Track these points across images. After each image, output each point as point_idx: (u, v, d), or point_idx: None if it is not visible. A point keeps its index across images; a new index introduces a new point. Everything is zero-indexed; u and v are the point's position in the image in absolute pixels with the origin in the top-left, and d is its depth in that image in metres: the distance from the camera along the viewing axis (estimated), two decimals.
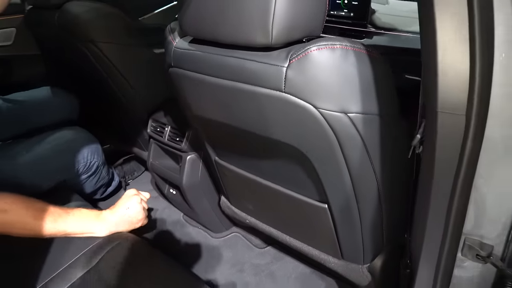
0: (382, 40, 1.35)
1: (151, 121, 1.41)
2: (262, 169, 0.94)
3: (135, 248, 0.94)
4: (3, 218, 0.80)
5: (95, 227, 0.93)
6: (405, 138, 0.82)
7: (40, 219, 0.83)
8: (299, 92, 0.65)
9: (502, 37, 0.52)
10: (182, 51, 0.81)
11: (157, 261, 0.94)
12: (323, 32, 1.72)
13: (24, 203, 0.83)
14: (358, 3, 1.37)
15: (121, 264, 0.88)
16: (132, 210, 0.99)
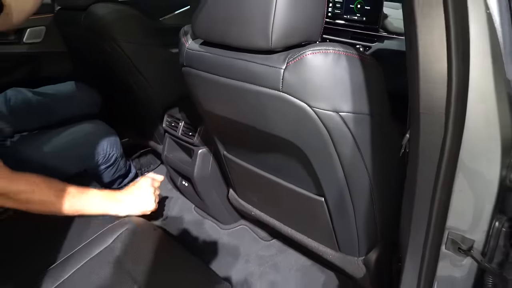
0: (393, 44, 1.40)
1: (167, 116, 1.50)
2: (265, 163, 1.01)
3: (147, 232, 1.03)
4: (30, 197, 0.89)
5: (108, 207, 1.01)
6: (398, 138, 0.88)
7: (61, 197, 0.92)
8: (295, 91, 0.72)
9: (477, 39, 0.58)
10: (194, 52, 0.89)
11: (168, 246, 1.02)
12: (336, 35, 1.79)
13: (48, 184, 0.92)
14: (370, 8, 1.42)
15: (133, 245, 0.97)
16: (142, 191, 1.06)
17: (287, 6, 0.69)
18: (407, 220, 0.81)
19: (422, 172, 0.71)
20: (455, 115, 0.62)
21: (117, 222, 1.03)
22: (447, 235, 0.76)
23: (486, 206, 0.69)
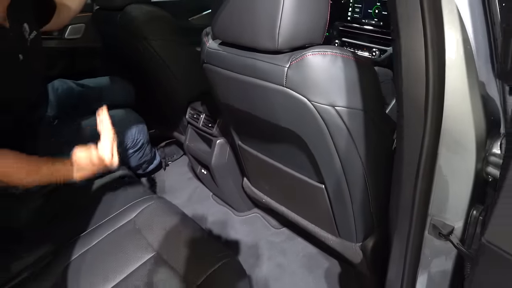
0: None
1: (190, 109, 1.63)
2: (274, 152, 1.12)
3: (166, 210, 1.16)
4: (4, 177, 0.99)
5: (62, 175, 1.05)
6: (390, 132, 0.97)
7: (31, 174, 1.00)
8: (296, 87, 0.83)
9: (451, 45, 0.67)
10: (213, 51, 1.01)
11: (183, 223, 1.14)
12: (355, 38, 1.88)
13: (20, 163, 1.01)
14: (388, 13, 1.51)
15: (154, 220, 1.10)
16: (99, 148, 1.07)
17: (292, 13, 0.79)
18: (394, 207, 0.90)
19: (406, 163, 0.80)
20: (432, 112, 0.71)
21: (140, 199, 1.17)
22: (429, 221, 0.85)
23: (464, 196, 0.77)
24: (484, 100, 0.71)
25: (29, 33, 1.18)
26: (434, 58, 0.68)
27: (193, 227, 1.10)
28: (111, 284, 0.94)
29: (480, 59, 0.70)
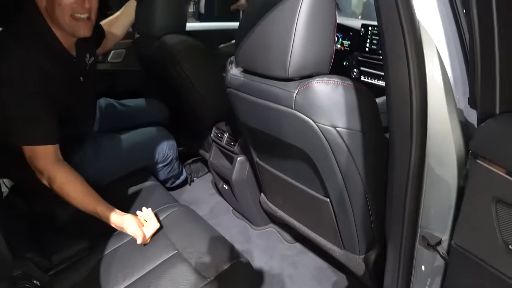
0: None
1: (215, 128, 1.79)
2: (286, 168, 1.25)
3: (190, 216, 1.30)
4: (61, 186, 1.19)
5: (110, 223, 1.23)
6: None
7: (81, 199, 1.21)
8: (303, 110, 0.96)
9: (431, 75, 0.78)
10: (235, 77, 1.16)
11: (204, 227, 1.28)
12: (372, 68, 2.02)
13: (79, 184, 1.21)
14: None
15: (178, 223, 1.25)
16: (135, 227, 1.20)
17: (301, 47, 0.94)
18: (388, 220, 1.00)
19: (396, 180, 0.92)
20: (417, 134, 0.83)
21: (167, 205, 1.32)
22: (419, 233, 0.95)
23: (449, 209, 0.87)
24: (462, 125, 0.82)
25: (88, 59, 1.41)
26: (416, 88, 0.80)
27: (212, 232, 1.24)
28: (138, 275, 1.08)
29: (458, 89, 0.81)
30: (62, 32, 1.24)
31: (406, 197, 0.91)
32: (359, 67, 2.16)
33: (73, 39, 1.29)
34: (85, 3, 1.20)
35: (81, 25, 1.23)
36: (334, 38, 1.00)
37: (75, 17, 1.20)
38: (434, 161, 0.85)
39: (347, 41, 2.35)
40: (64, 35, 1.25)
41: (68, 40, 1.28)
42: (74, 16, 1.20)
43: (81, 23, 1.22)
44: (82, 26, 1.23)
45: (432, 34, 0.78)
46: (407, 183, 0.89)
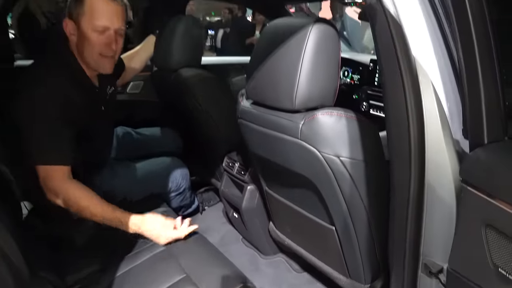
0: None
1: (226, 158, 1.85)
2: (293, 196, 1.29)
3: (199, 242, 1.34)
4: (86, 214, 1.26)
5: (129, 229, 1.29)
6: None
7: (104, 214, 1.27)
8: (308, 140, 1.02)
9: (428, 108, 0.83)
10: (245, 108, 1.23)
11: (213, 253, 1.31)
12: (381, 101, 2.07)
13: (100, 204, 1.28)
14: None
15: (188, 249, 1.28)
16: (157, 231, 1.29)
17: (307, 82, 1.00)
18: (391, 248, 1.03)
19: (398, 209, 0.95)
20: (415, 164, 0.87)
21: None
22: (421, 261, 0.97)
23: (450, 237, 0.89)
24: (459, 155, 0.85)
25: (109, 89, 1.53)
26: (414, 120, 0.85)
27: (221, 258, 1.28)
28: None
29: (454, 121, 0.85)
30: (86, 65, 1.36)
31: (407, 226, 0.94)
32: (369, 100, 2.22)
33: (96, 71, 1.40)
34: (113, 44, 1.32)
35: (106, 63, 1.35)
36: (338, 73, 1.06)
37: (102, 55, 1.32)
38: (432, 190, 0.89)
39: (356, 75, 2.43)
40: (88, 68, 1.37)
41: (92, 72, 1.40)
42: (102, 54, 1.32)
43: (106, 61, 1.35)
44: (106, 64, 1.36)
45: (427, 69, 0.84)
46: (407, 212, 0.92)
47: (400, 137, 0.87)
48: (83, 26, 1.28)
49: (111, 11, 1.30)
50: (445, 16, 0.83)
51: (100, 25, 1.28)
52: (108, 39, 1.30)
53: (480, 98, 0.66)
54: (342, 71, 2.52)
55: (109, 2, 1.28)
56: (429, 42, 0.85)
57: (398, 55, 0.83)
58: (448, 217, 0.88)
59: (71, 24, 1.30)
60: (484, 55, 0.63)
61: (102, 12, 1.28)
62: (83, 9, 1.27)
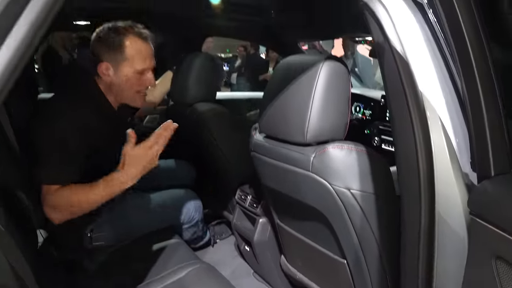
0: None
1: (239, 191, 1.87)
2: (304, 228, 1.30)
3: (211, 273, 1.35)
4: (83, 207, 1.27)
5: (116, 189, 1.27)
6: None
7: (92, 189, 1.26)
8: (319, 173, 1.04)
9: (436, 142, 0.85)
10: (258, 142, 1.27)
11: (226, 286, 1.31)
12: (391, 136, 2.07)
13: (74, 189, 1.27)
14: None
15: (200, 280, 1.29)
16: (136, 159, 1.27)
17: (318, 117, 1.04)
18: (403, 283, 1.02)
19: (408, 242, 0.95)
20: (425, 198, 0.88)
21: (189, 262, 1.37)
22: None
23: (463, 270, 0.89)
24: (468, 188, 0.86)
25: (128, 119, 1.63)
26: (422, 154, 0.87)
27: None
28: None
29: (463, 154, 0.87)
30: (111, 97, 1.44)
31: (419, 259, 0.93)
32: (380, 135, 2.24)
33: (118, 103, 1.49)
34: (151, 82, 1.43)
35: (139, 98, 1.46)
36: (348, 108, 1.10)
37: (138, 92, 1.43)
38: (443, 222, 0.89)
39: (368, 111, 2.46)
40: (112, 99, 1.45)
41: (115, 102, 1.48)
42: (138, 92, 1.42)
43: (140, 96, 1.45)
44: (139, 99, 1.46)
45: (435, 104, 0.86)
46: (419, 246, 0.92)
47: (410, 171, 0.89)
48: (125, 70, 1.37)
49: (148, 53, 1.40)
50: (450, 54, 0.86)
51: (140, 68, 1.38)
52: (147, 78, 1.41)
53: (485, 132, 0.68)
54: (353, 107, 2.57)
55: (146, 45, 1.39)
56: (436, 79, 0.88)
57: (406, 91, 0.87)
58: (459, 249, 0.88)
59: (107, 66, 1.38)
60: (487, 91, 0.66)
61: (142, 56, 1.38)
62: (123, 55, 1.36)
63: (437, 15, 0.85)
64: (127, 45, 1.35)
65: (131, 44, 1.36)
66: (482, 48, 0.67)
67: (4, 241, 0.93)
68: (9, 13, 0.59)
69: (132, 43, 1.36)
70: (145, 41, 1.39)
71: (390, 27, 0.89)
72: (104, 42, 1.37)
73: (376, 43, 0.96)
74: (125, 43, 1.35)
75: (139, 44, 1.37)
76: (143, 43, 1.38)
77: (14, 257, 0.92)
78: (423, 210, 0.89)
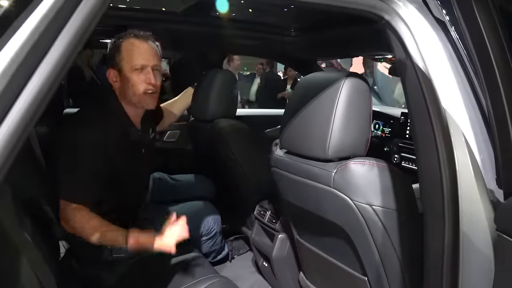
0: None
1: (258, 206, 1.88)
2: (324, 244, 1.29)
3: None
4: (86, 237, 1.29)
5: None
6: None
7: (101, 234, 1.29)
8: (341, 188, 1.04)
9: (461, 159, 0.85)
10: (279, 157, 1.28)
11: None
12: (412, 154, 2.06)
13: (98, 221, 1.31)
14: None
15: None
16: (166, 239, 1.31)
17: (339, 133, 1.04)
18: None
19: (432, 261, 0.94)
20: (449, 215, 0.88)
21: (208, 276, 1.37)
22: None
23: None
24: (494, 205, 0.85)
25: (150, 134, 1.64)
26: (446, 171, 0.87)
27: None
28: None
29: (487, 171, 0.86)
30: (131, 108, 1.47)
31: (443, 279, 0.92)
32: (400, 153, 2.22)
33: (140, 113, 1.52)
34: (152, 80, 1.43)
35: (149, 99, 1.46)
36: (370, 124, 1.10)
37: (145, 93, 1.44)
38: (468, 240, 0.88)
39: (387, 128, 2.45)
40: (132, 110, 1.48)
41: (136, 116, 1.51)
42: (145, 92, 1.43)
43: (149, 97, 1.46)
44: (150, 100, 1.46)
45: (458, 121, 0.87)
46: (442, 265, 0.91)
47: (433, 188, 0.89)
48: (124, 69, 1.41)
49: (146, 50, 1.43)
50: (473, 70, 0.87)
51: (138, 64, 1.40)
52: (147, 75, 1.42)
53: (510, 148, 0.68)
54: (373, 124, 2.56)
55: (142, 43, 1.42)
56: (459, 95, 0.88)
57: (429, 108, 0.87)
58: (485, 267, 0.86)
59: (113, 72, 1.43)
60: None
61: (137, 52, 1.41)
62: (121, 55, 1.41)
63: (460, 32, 0.86)
64: (123, 45, 1.41)
65: (127, 43, 1.41)
66: (508, 64, 0.67)
67: (32, 255, 0.95)
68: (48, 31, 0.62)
69: (127, 43, 1.41)
70: (141, 39, 1.43)
71: (413, 44, 0.90)
72: (109, 50, 1.44)
73: (398, 61, 0.97)
74: (122, 44, 1.41)
75: (134, 42, 1.41)
76: (138, 41, 1.42)
77: (41, 272, 0.94)
78: (447, 228, 0.88)
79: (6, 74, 0.57)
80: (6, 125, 0.57)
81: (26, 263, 0.88)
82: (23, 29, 0.59)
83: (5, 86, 0.57)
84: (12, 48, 0.58)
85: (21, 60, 0.58)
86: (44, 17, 0.59)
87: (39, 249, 1.02)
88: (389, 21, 0.93)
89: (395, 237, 1.04)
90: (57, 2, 0.60)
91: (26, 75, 0.59)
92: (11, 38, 0.58)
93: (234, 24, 2.10)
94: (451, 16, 0.90)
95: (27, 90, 0.59)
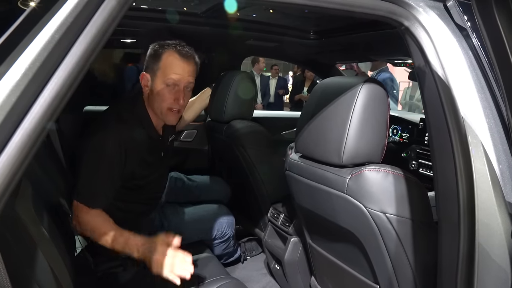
0: None
1: (271, 209, 1.87)
2: (336, 250, 1.28)
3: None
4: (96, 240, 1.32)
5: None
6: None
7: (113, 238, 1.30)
8: (354, 195, 1.03)
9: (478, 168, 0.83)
10: (294, 161, 1.28)
11: None
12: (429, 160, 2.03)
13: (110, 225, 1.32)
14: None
15: None
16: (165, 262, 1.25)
17: (355, 138, 1.03)
18: None
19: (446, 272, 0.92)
20: (464, 226, 0.86)
21: (220, 277, 1.38)
22: None
23: None
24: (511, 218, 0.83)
25: (170, 136, 1.66)
26: (463, 181, 0.85)
27: None
28: None
29: (506, 183, 0.84)
30: (154, 115, 1.49)
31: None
32: (418, 159, 2.19)
33: (162, 121, 1.53)
34: (180, 99, 1.43)
35: (171, 116, 1.47)
36: (386, 131, 1.09)
37: (169, 109, 1.44)
38: (484, 252, 0.86)
39: (406, 134, 2.42)
40: (155, 117, 1.49)
41: (159, 123, 1.52)
42: (170, 108, 1.44)
43: (172, 114, 1.46)
44: (172, 117, 1.47)
45: (477, 130, 0.85)
46: (456, 276, 0.89)
47: (449, 198, 0.87)
48: (157, 79, 1.41)
49: (183, 67, 1.42)
50: (494, 79, 0.85)
51: (170, 79, 1.40)
52: (176, 94, 1.42)
53: None
54: (391, 129, 2.52)
55: (183, 59, 1.42)
56: (479, 104, 0.86)
57: (447, 115, 0.86)
58: (501, 280, 0.84)
59: (146, 77, 1.44)
60: None
61: (174, 67, 1.41)
62: (158, 64, 1.41)
63: (481, 39, 0.85)
64: (164, 56, 1.41)
65: (168, 55, 1.41)
66: None
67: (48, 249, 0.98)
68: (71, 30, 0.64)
69: (169, 55, 1.41)
70: (183, 56, 1.42)
71: (432, 51, 0.89)
72: (149, 54, 1.45)
73: (416, 67, 0.96)
74: (164, 54, 1.41)
75: (175, 57, 1.41)
76: (179, 57, 1.41)
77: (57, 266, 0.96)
78: (462, 238, 0.86)
79: (27, 74, 0.59)
80: (28, 121, 0.59)
81: (43, 257, 0.90)
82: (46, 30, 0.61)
83: (27, 85, 0.59)
84: (35, 49, 0.60)
85: (43, 59, 0.60)
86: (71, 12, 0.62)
87: (55, 243, 1.04)
88: (408, 27, 0.92)
89: (408, 246, 1.03)
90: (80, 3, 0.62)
91: (47, 75, 0.61)
92: (34, 39, 0.60)
93: (254, 26, 2.10)
94: (472, 22, 0.88)
95: (47, 89, 0.60)
